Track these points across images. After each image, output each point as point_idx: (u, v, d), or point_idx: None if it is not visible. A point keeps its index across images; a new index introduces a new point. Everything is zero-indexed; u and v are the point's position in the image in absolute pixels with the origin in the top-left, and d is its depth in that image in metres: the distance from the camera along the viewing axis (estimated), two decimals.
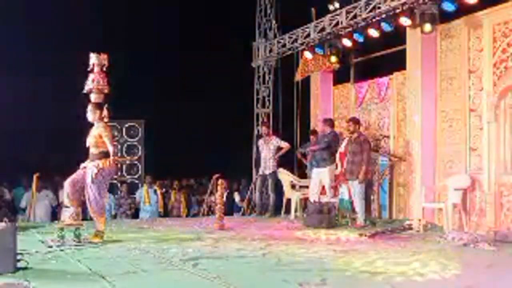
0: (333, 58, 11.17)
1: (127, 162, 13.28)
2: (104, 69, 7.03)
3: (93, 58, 7.00)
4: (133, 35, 12.83)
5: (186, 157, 13.15)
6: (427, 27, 9.05)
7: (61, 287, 4.43)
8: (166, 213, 12.44)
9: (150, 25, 13.17)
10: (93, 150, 6.84)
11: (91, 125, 6.99)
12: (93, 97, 6.97)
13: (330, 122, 10.06)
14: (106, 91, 7.01)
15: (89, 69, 6.99)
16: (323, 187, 9.80)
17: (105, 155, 6.82)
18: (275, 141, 11.07)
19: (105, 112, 6.96)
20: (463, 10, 8.91)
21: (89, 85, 6.95)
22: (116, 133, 13.30)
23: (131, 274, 4.81)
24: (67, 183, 6.82)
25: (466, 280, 4.74)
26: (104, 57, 7.03)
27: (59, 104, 11.22)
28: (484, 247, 6.64)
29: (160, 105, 13.17)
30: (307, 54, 11.86)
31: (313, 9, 11.74)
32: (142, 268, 5.02)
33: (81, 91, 7.02)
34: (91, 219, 7.14)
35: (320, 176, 9.77)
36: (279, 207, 10.99)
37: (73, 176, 6.88)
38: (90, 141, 6.89)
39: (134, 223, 9.67)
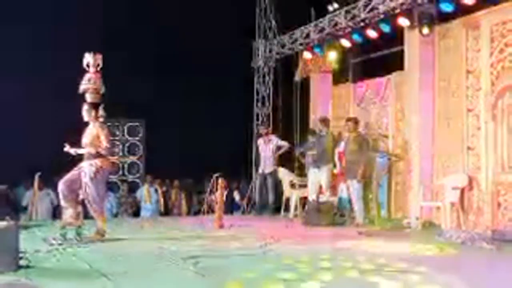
0: (332, 58, 11.22)
1: (128, 161, 13.33)
2: (99, 69, 7.03)
3: (88, 58, 6.99)
4: (133, 34, 12.85)
5: (186, 156, 13.17)
6: (425, 30, 9.13)
7: (63, 285, 4.45)
8: (166, 211, 12.50)
9: (150, 24, 13.19)
10: (90, 150, 6.81)
11: (87, 124, 7.00)
12: (89, 97, 6.96)
13: (326, 122, 10.06)
14: (102, 91, 7.01)
15: (86, 69, 6.97)
16: (321, 186, 9.85)
17: (102, 155, 6.83)
18: (275, 141, 11.15)
19: (101, 112, 6.95)
20: (461, 11, 8.96)
21: (85, 84, 6.94)
22: (117, 132, 13.37)
23: (132, 272, 4.84)
24: (61, 184, 6.79)
25: (465, 278, 4.78)
26: (98, 57, 7.02)
27: (60, 103, 11.24)
28: (482, 246, 6.69)
29: (161, 104, 13.21)
30: (307, 54, 11.93)
31: (312, 10, 11.78)
32: (143, 266, 5.07)
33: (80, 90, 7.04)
34: (92, 218, 7.19)
35: (317, 175, 9.81)
36: (279, 206, 11.04)
37: (68, 176, 6.85)
38: (85, 141, 6.87)
39: (135, 222, 9.72)
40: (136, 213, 12.21)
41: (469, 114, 8.94)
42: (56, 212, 11.12)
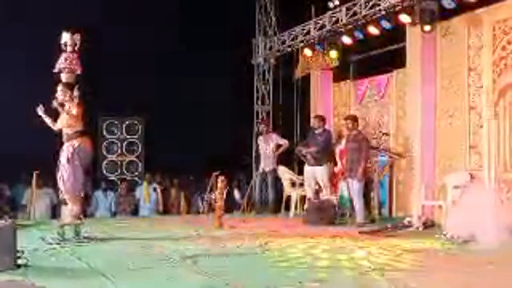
0: (333, 55, 11.17)
1: (126, 160, 13.28)
2: (76, 48, 6.88)
3: (65, 37, 6.85)
4: (132, 32, 12.80)
5: (186, 154, 13.12)
6: (427, 27, 9.07)
7: (61, 284, 4.43)
8: (165, 210, 12.45)
9: (150, 21, 13.14)
10: (67, 131, 6.71)
11: (61, 105, 6.82)
12: (64, 77, 6.83)
13: (321, 119, 9.88)
14: (78, 71, 6.88)
15: (66, 49, 6.84)
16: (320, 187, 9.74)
17: (81, 134, 6.73)
18: (275, 139, 11.10)
19: (76, 92, 6.80)
20: (463, 8, 8.90)
21: (61, 64, 6.80)
22: (115, 130, 13.32)
23: (130, 271, 4.82)
24: (59, 181, 6.75)
25: (466, 277, 4.74)
26: (77, 36, 6.89)
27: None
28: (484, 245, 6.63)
29: (160, 102, 13.15)
30: (307, 52, 11.87)
31: (312, 7, 11.72)
32: (142, 265, 5.03)
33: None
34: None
35: (315, 174, 9.65)
36: (279, 204, 10.99)
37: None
38: (62, 122, 6.76)
39: (134, 221, 9.68)
40: (135, 212, 12.16)
41: (471, 112, 8.89)
42: (55, 211, 11.08)
